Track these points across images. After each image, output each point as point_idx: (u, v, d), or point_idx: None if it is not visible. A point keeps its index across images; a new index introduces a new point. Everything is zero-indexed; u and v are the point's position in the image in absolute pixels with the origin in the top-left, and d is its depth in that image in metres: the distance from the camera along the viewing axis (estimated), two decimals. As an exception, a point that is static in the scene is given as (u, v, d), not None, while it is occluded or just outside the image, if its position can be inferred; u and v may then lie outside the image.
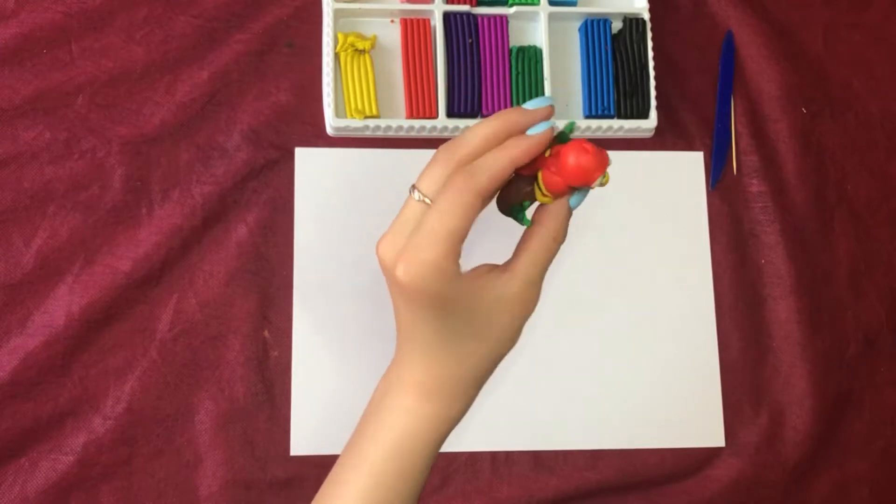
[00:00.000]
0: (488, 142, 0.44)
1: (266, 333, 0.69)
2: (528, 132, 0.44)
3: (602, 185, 0.45)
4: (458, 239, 0.42)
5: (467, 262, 0.55)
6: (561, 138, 0.48)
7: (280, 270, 0.70)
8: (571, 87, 0.75)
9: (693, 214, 0.75)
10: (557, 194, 0.46)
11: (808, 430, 0.71)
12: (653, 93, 0.74)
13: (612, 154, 0.46)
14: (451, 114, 0.72)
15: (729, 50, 0.78)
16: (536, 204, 0.47)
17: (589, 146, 0.44)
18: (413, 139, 0.72)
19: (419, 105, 0.71)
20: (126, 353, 0.67)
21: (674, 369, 0.72)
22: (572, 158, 0.44)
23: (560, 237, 0.46)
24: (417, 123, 0.71)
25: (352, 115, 0.70)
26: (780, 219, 0.74)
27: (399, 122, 0.71)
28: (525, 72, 0.73)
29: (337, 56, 0.71)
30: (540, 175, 0.46)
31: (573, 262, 0.73)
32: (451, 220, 0.42)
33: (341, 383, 0.68)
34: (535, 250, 0.46)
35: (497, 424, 0.69)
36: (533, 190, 0.46)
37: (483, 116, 0.72)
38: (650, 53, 0.74)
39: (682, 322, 0.73)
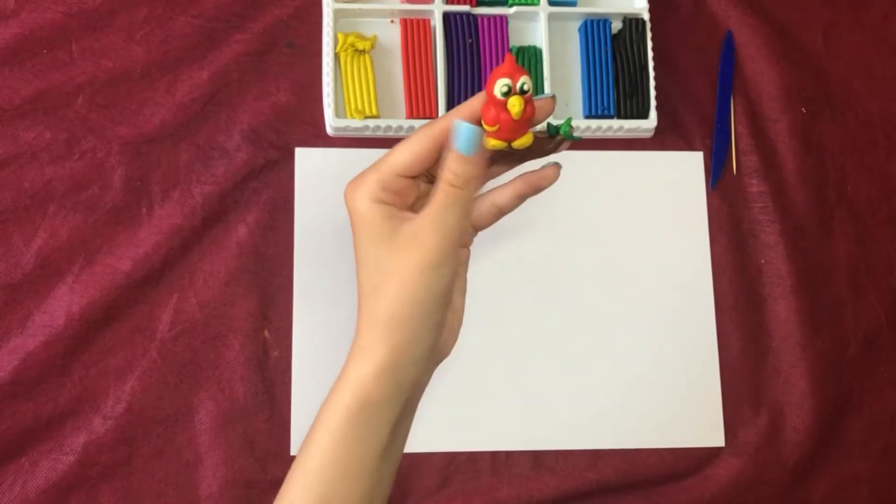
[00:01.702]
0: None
1: (266, 333, 0.69)
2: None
3: (522, 146, 0.48)
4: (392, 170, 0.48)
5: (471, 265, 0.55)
6: (549, 129, 0.50)
7: (280, 270, 0.70)
8: (571, 87, 0.75)
9: (693, 214, 0.75)
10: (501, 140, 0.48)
11: (808, 430, 0.71)
12: (653, 93, 0.74)
13: (612, 154, 0.46)
14: (451, 114, 0.72)
15: (729, 50, 0.78)
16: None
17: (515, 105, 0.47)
18: (413, 139, 0.72)
19: (419, 105, 0.71)
20: (126, 353, 0.67)
21: (674, 369, 0.72)
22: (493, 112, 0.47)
23: (455, 181, 0.47)
24: (417, 123, 0.71)
25: (352, 115, 0.70)
26: (780, 219, 0.74)
27: (399, 122, 0.71)
28: (525, 72, 0.73)
29: (337, 56, 0.72)
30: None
31: (573, 263, 0.73)
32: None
33: (341, 383, 0.68)
34: (432, 196, 0.48)
35: (497, 424, 0.69)
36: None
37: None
38: (650, 53, 0.74)
39: (682, 322, 0.73)
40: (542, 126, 0.51)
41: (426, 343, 0.47)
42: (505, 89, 0.46)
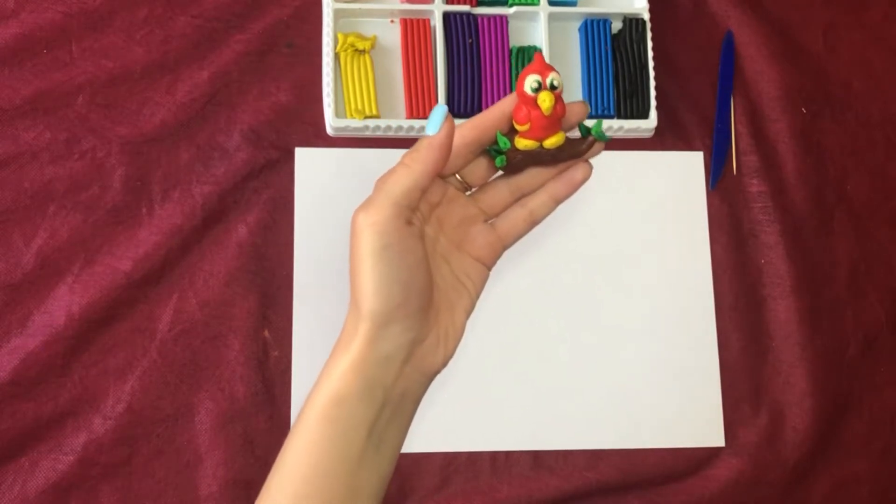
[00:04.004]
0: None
1: (266, 333, 0.69)
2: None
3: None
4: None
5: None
6: (581, 130, 0.50)
7: (280, 270, 0.70)
8: (571, 87, 0.75)
9: (693, 214, 0.75)
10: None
11: (808, 430, 0.71)
12: (653, 93, 0.74)
13: (612, 154, 0.47)
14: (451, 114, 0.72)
15: (729, 50, 0.78)
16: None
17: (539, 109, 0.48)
18: (413, 139, 0.72)
19: (419, 105, 0.71)
20: (126, 353, 0.67)
21: (674, 369, 0.72)
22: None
23: (406, 158, 0.46)
24: (417, 123, 0.71)
25: (352, 115, 0.70)
26: (780, 219, 0.74)
27: (399, 122, 0.71)
28: (525, 72, 0.73)
29: (337, 56, 0.72)
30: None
31: (573, 263, 0.73)
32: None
33: (341, 383, 0.68)
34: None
35: (497, 424, 0.69)
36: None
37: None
38: (650, 53, 0.74)
39: (682, 322, 0.73)
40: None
41: (396, 339, 0.46)
42: (535, 85, 0.47)
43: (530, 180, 0.51)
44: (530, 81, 0.47)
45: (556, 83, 0.47)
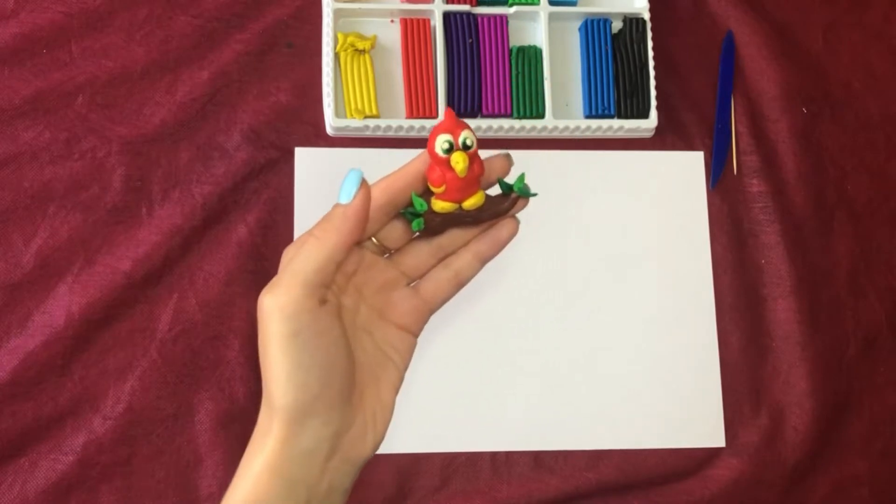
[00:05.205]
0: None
1: (266, 333, 0.69)
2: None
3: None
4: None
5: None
6: (502, 187, 0.47)
7: (280, 270, 0.70)
8: (571, 87, 0.75)
9: (693, 214, 0.75)
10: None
11: (808, 430, 0.71)
12: (653, 93, 0.74)
13: (612, 154, 0.46)
14: (451, 114, 0.72)
15: (729, 50, 0.78)
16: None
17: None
18: (413, 139, 0.72)
19: (419, 105, 0.71)
20: (126, 353, 0.67)
21: (674, 369, 0.72)
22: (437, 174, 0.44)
23: (315, 229, 0.43)
24: (417, 123, 0.71)
25: (352, 115, 0.70)
26: (780, 219, 0.74)
27: (399, 122, 0.71)
28: (525, 72, 0.73)
29: (337, 56, 0.72)
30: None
31: (573, 263, 0.73)
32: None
33: (341, 383, 0.68)
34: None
35: (497, 424, 0.69)
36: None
37: (483, 116, 0.72)
38: (650, 53, 0.74)
39: (682, 322, 0.73)
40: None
41: (315, 434, 0.41)
42: (446, 146, 0.43)
43: (453, 240, 0.47)
44: (440, 142, 0.43)
45: (469, 142, 0.43)
